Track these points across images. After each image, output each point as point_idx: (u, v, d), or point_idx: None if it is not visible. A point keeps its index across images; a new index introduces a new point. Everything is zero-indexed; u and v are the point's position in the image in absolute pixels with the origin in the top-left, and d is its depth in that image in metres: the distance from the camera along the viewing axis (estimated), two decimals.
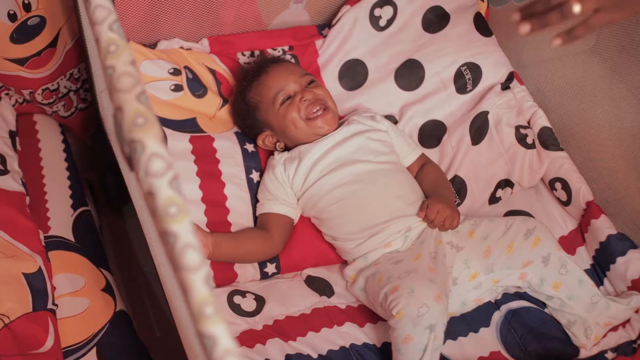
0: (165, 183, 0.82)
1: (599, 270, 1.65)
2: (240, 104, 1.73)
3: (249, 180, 1.68)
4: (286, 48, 1.86)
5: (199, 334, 0.76)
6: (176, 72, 1.71)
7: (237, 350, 0.73)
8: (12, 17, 1.62)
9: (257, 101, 1.70)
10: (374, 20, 1.85)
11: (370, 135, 1.67)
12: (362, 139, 1.66)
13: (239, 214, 1.63)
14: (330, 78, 1.84)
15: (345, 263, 1.66)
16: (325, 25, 1.92)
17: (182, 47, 1.77)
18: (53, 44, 1.73)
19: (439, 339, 1.39)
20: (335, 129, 1.69)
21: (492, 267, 1.57)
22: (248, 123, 1.73)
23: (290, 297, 1.57)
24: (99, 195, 2.03)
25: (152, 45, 1.75)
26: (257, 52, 1.85)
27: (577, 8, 1.16)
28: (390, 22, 1.86)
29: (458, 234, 1.60)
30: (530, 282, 1.57)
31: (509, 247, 1.56)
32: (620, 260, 1.60)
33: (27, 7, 1.63)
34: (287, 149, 1.70)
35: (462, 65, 1.83)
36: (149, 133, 0.85)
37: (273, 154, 1.70)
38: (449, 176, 1.76)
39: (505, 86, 1.83)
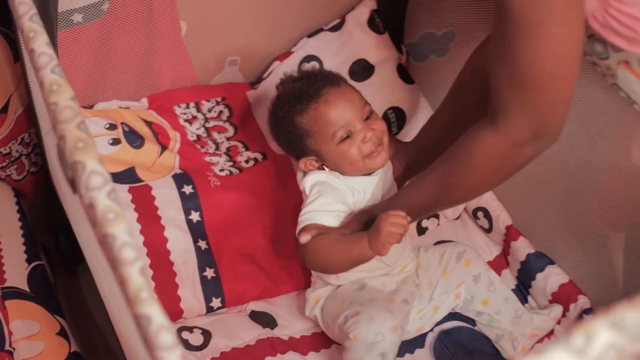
0: (103, 195, 0.90)
1: (522, 289, 1.75)
2: (287, 123, 1.59)
3: (189, 221, 1.73)
4: (219, 99, 1.96)
5: (135, 317, 0.82)
6: (112, 126, 1.77)
7: (170, 326, 0.81)
8: None
9: (312, 131, 1.55)
10: None
11: None
12: None
13: (180, 252, 1.68)
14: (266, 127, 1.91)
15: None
16: (256, 82, 2.03)
17: (120, 107, 1.85)
18: (4, 110, 1.79)
19: None
20: None
21: (432, 295, 1.65)
22: (293, 146, 1.61)
23: (235, 330, 1.62)
24: (53, 256, 2.10)
25: (90, 107, 1.82)
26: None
27: None
28: None
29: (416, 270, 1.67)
30: (463, 299, 1.66)
31: (444, 272, 1.66)
32: (539, 276, 1.70)
33: None
34: None
35: (388, 109, 1.95)
36: (89, 155, 0.95)
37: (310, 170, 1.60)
38: None
39: None
